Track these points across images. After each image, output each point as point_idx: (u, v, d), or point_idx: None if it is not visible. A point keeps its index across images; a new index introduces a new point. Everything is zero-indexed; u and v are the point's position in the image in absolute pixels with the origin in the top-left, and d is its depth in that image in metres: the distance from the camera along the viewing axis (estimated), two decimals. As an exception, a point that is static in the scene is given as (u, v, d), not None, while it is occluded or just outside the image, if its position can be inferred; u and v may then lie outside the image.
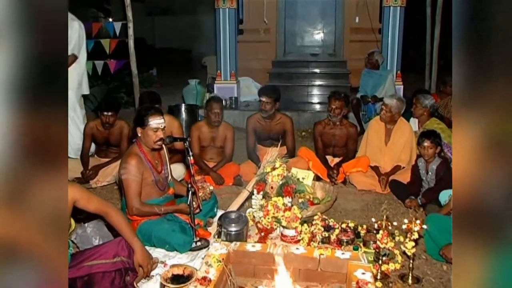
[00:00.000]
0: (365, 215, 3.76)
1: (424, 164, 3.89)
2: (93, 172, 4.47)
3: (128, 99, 8.29)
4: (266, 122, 4.70)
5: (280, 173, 3.43)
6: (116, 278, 2.33)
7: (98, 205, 2.43)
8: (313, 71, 8.67)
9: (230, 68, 7.58)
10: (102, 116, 4.49)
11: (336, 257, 2.39)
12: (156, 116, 3.02)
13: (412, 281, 2.71)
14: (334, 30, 9.20)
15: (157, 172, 3.12)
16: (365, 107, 6.44)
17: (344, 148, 4.68)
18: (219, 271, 2.22)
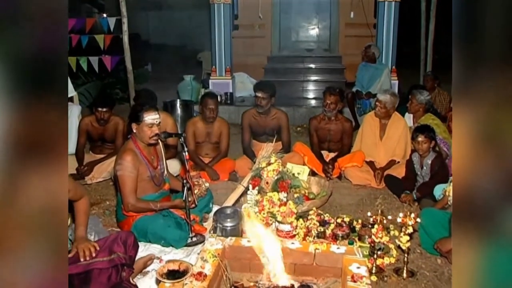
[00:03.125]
0: (360, 210, 3.78)
1: (419, 158, 3.91)
2: (88, 168, 4.46)
3: (123, 95, 8.26)
4: (261, 118, 4.69)
5: (275, 169, 3.42)
6: (113, 274, 2.34)
7: (79, 193, 2.52)
8: (308, 66, 8.68)
9: (225, 63, 7.56)
10: (96, 112, 4.47)
11: (332, 251, 2.40)
12: (151, 112, 3.01)
13: (406, 275, 2.73)
14: (329, 25, 9.21)
15: (153, 168, 3.12)
16: (360, 101, 6.45)
17: (339, 143, 4.69)
18: (215, 266, 2.22)
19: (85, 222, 2.53)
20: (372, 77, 6.57)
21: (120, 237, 2.51)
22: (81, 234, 2.47)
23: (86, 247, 2.35)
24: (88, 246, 2.36)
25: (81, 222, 2.52)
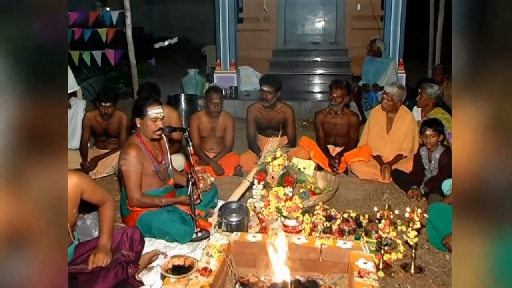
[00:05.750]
0: (367, 205, 3.77)
1: (427, 153, 3.89)
2: (92, 164, 4.47)
3: (126, 90, 8.26)
4: (266, 112, 4.69)
5: (281, 163, 3.42)
6: (119, 271, 2.35)
7: (100, 196, 2.44)
8: (314, 59, 8.63)
9: (230, 57, 7.53)
10: (100, 107, 4.48)
11: (338, 247, 2.39)
12: (154, 106, 3.01)
13: (414, 270, 2.72)
14: (335, 18, 9.13)
15: (157, 162, 3.12)
16: (367, 95, 6.42)
17: (346, 137, 4.67)
18: (220, 261, 2.23)
19: (108, 230, 2.46)
20: (378, 71, 6.53)
21: (126, 233, 2.52)
22: (103, 243, 2.41)
23: (101, 258, 2.33)
24: (104, 258, 2.34)
25: (104, 230, 2.45)
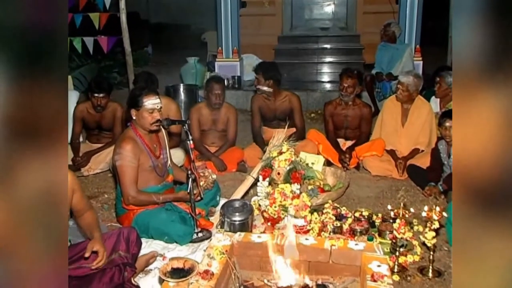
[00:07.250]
0: (380, 203, 3.76)
1: (446, 147, 3.86)
2: (84, 159, 4.48)
3: (121, 79, 8.29)
4: (271, 101, 4.69)
5: (287, 158, 3.42)
6: (115, 274, 2.37)
7: (86, 201, 2.48)
8: (323, 46, 8.59)
9: (232, 44, 7.52)
10: (93, 98, 4.47)
11: (349, 248, 2.39)
12: (151, 96, 3.00)
13: (432, 274, 2.71)
14: (346, 1, 9.07)
15: (155, 157, 3.12)
16: (380, 84, 6.39)
17: (357, 130, 4.66)
18: (222, 264, 2.23)
19: (99, 230, 2.44)
20: (392, 58, 6.48)
21: (123, 234, 2.53)
22: (96, 236, 2.38)
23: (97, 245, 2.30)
24: (101, 247, 2.31)
25: (96, 230, 2.41)
